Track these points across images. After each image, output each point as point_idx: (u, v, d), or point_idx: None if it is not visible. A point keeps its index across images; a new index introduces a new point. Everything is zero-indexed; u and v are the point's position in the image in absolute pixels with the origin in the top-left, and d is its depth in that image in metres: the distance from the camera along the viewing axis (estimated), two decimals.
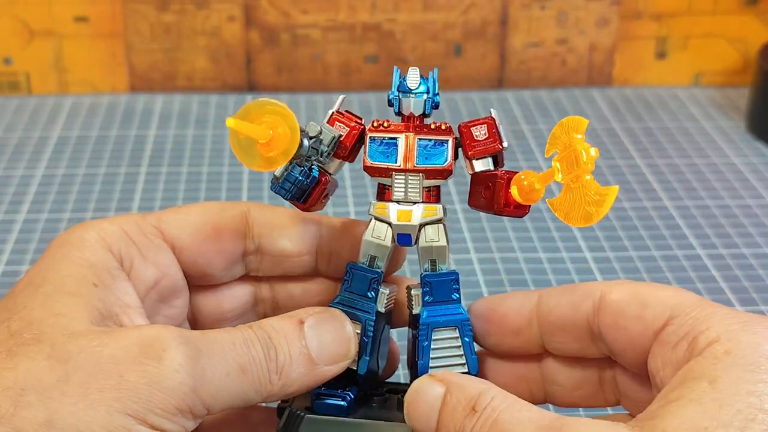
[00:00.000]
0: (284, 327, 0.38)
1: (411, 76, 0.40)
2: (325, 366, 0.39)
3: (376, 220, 0.41)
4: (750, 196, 0.76)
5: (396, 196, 0.40)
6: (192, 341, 0.36)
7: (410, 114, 0.40)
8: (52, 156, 0.82)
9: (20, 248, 0.68)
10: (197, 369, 0.35)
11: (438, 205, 0.40)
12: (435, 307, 0.41)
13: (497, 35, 0.93)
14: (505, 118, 0.89)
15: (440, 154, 0.40)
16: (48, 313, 0.36)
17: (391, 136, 0.40)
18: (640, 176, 0.79)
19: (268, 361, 0.37)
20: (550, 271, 0.66)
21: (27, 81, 0.93)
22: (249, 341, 0.37)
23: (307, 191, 0.40)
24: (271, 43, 0.92)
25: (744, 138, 0.86)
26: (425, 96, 0.40)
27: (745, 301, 0.63)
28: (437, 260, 0.40)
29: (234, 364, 0.36)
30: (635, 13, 0.94)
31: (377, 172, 0.40)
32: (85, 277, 0.38)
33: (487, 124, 0.41)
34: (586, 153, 0.35)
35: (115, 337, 0.35)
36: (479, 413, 0.35)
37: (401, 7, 0.92)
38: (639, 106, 0.93)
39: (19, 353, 0.35)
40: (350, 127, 0.41)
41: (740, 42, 0.95)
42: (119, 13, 0.91)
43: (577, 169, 0.36)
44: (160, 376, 0.34)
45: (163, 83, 0.94)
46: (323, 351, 0.39)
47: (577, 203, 0.36)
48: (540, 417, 0.34)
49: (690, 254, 0.68)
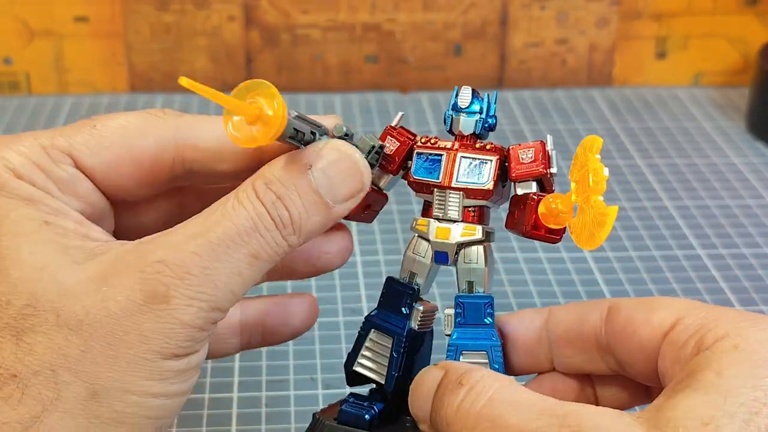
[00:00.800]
0: (291, 175, 0.36)
1: (463, 94, 0.40)
2: (341, 204, 0.37)
3: (419, 237, 0.40)
4: (750, 196, 0.76)
5: (436, 212, 0.40)
6: (194, 266, 0.34)
7: (459, 133, 0.40)
8: None
9: None
10: (208, 291, 0.34)
11: (478, 225, 0.39)
12: (466, 329, 0.40)
13: (497, 35, 0.93)
14: (505, 118, 0.89)
15: (481, 173, 0.39)
16: (26, 270, 0.34)
17: (436, 153, 0.40)
18: (640, 176, 0.79)
19: (281, 228, 0.36)
20: (550, 271, 0.66)
21: (27, 81, 0.93)
22: (257, 218, 0.35)
23: None
24: (271, 43, 0.92)
25: (744, 138, 0.86)
26: (477, 116, 0.40)
27: (745, 301, 0.63)
28: (474, 282, 0.40)
29: (244, 257, 0.35)
30: (635, 13, 0.94)
31: (419, 187, 0.40)
32: (33, 218, 0.36)
33: (534, 148, 0.40)
34: (597, 173, 0.35)
35: (115, 286, 0.34)
36: (466, 386, 0.35)
37: (401, 7, 0.92)
38: (639, 106, 0.93)
39: (26, 330, 0.33)
40: (400, 142, 0.40)
41: (740, 42, 0.95)
42: (119, 13, 0.91)
43: (587, 189, 0.35)
44: (173, 316, 0.34)
45: (163, 83, 0.94)
46: (336, 192, 0.37)
47: (585, 224, 0.36)
48: (540, 401, 0.34)
49: (690, 254, 0.68)
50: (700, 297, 0.63)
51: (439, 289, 0.58)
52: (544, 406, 0.33)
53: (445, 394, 0.36)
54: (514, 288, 0.64)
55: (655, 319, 0.37)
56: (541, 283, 0.65)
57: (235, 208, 0.35)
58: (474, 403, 0.34)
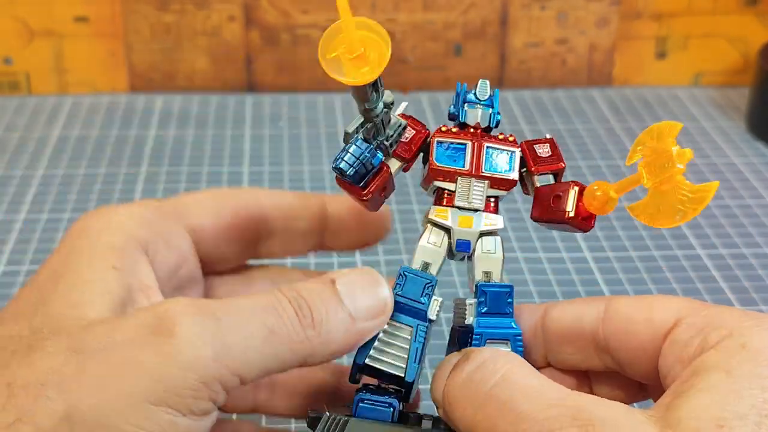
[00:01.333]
0: (316, 286, 0.37)
1: (482, 86, 0.40)
2: (364, 322, 0.37)
3: (432, 225, 0.40)
4: (750, 196, 0.76)
5: (459, 201, 0.40)
6: (207, 309, 0.34)
7: (476, 124, 0.40)
8: (52, 156, 0.82)
9: (20, 248, 0.68)
10: (216, 336, 0.34)
11: (498, 216, 0.40)
12: (488, 318, 0.40)
13: (497, 35, 0.93)
14: (505, 118, 0.89)
15: (506, 163, 0.40)
16: (66, 305, 0.36)
17: (459, 141, 0.40)
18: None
19: (302, 318, 0.36)
20: (550, 271, 0.66)
21: (27, 81, 0.93)
22: (277, 302, 0.36)
23: (368, 176, 0.38)
24: (271, 43, 0.92)
25: (744, 138, 0.86)
26: (491, 109, 0.40)
27: (745, 301, 0.63)
28: (492, 272, 0.40)
29: (260, 325, 0.35)
30: (635, 13, 0.94)
31: (443, 175, 0.40)
32: (105, 261, 0.38)
33: (549, 143, 0.41)
34: (680, 153, 0.35)
35: (128, 320, 0.34)
36: (472, 362, 0.35)
37: (401, 7, 0.92)
38: (639, 106, 0.93)
39: (37, 348, 0.34)
40: (416, 130, 0.40)
41: (740, 42, 0.95)
42: (119, 13, 0.91)
43: (670, 169, 0.35)
44: (174, 351, 0.33)
45: (163, 83, 0.94)
46: (359, 307, 0.37)
47: (666, 204, 0.36)
48: (552, 389, 0.33)
49: (690, 254, 0.68)
50: (700, 297, 0.63)
51: None
52: (557, 395, 0.33)
53: (456, 373, 0.36)
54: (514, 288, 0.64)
55: (656, 318, 0.37)
56: (541, 283, 0.65)
57: (258, 293, 0.37)
58: (483, 382, 0.34)
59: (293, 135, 0.86)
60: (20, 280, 0.65)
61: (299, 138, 0.86)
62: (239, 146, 0.84)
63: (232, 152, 0.83)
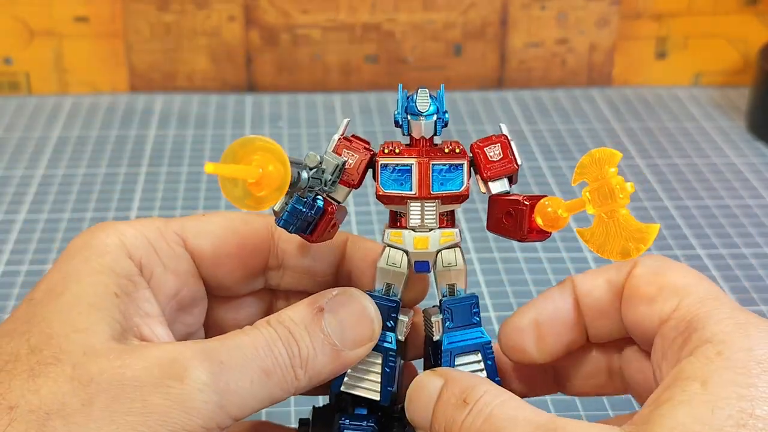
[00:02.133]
0: (303, 317, 0.37)
1: (420, 98, 0.39)
2: (351, 351, 0.38)
3: (390, 247, 0.39)
4: (750, 196, 0.76)
5: (412, 223, 0.39)
6: (213, 355, 0.35)
7: (422, 138, 0.39)
8: (52, 156, 0.82)
9: (20, 248, 0.68)
10: (221, 384, 0.35)
11: (454, 229, 0.39)
12: (456, 332, 0.40)
13: (497, 35, 0.93)
14: (505, 118, 0.89)
15: (456, 178, 0.39)
16: (68, 327, 0.36)
17: (404, 163, 0.39)
18: (640, 176, 0.79)
19: (292, 358, 0.36)
20: (550, 271, 0.66)
21: (27, 81, 0.93)
22: (270, 342, 0.36)
23: (313, 223, 0.38)
24: (271, 43, 0.92)
25: (744, 138, 0.86)
26: (435, 117, 0.39)
27: (745, 301, 0.63)
28: (455, 284, 0.40)
29: (257, 369, 0.36)
30: (635, 13, 0.94)
31: (391, 200, 0.39)
32: (107, 287, 0.38)
33: (500, 143, 0.39)
34: (621, 188, 0.35)
35: (137, 357, 0.35)
36: (470, 405, 0.35)
37: (401, 7, 0.92)
38: (639, 106, 0.93)
39: (41, 374, 0.34)
40: (359, 154, 0.39)
41: (740, 42, 0.95)
42: (119, 13, 0.91)
43: (611, 203, 0.35)
44: (183, 396, 0.34)
45: (163, 83, 0.94)
46: (346, 336, 0.38)
47: (612, 237, 0.35)
48: (535, 416, 0.34)
49: (690, 254, 0.68)
50: None
51: None
52: (539, 421, 0.34)
53: (448, 409, 0.36)
54: (514, 288, 0.64)
55: (658, 300, 0.37)
56: (541, 283, 0.65)
57: (252, 330, 0.37)
58: (475, 421, 0.35)
59: (293, 135, 0.86)
60: (20, 280, 0.65)
61: (299, 138, 0.86)
62: None
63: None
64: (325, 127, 0.88)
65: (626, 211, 0.35)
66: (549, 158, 0.81)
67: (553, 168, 0.79)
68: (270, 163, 0.33)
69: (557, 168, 0.79)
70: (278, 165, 0.33)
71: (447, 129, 0.40)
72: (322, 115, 0.90)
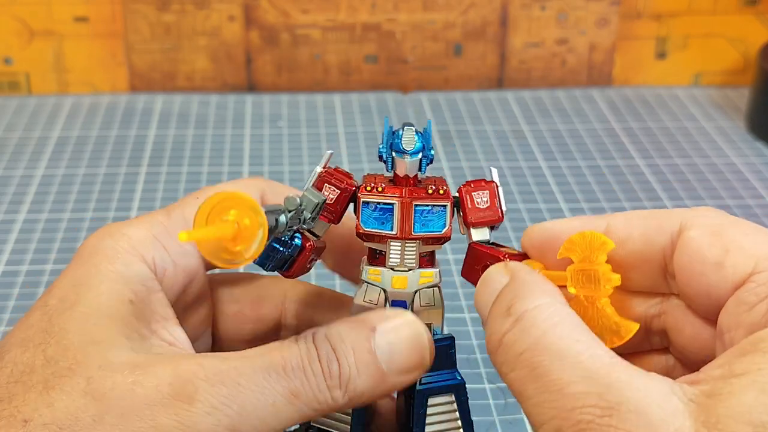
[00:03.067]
0: (352, 335, 0.36)
1: (406, 135, 0.38)
2: (397, 377, 0.36)
3: (367, 284, 0.39)
4: (750, 196, 0.76)
5: (391, 263, 0.38)
6: (230, 376, 0.34)
7: (405, 176, 0.38)
8: (52, 156, 0.82)
9: (20, 248, 0.68)
10: (234, 407, 0.34)
11: (434, 269, 0.39)
12: (430, 374, 0.39)
13: (497, 35, 0.93)
14: (505, 118, 0.89)
15: (438, 220, 0.38)
16: (85, 338, 0.35)
17: (386, 202, 0.38)
18: (640, 176, 0.79)
19: (328, 378, 0.35)
20: None
21: (27, 81, 0.93)
22: (307, 361, 0.35)
23: (290, 260, 0.37)
24: (271, 43, 0.92)
25: (744, 138, 0.86)
26: (420, 155, 0.38)
27: None
28: (432, 324, 0.39)
29: (282, 391, 0.34)
30: (635, 13, 0.94)
31: (371, 238, 0.38)
32: (121, 294, 0.37)
33: (489, 191, 0.39)
34: (607, 279, 0.34)
35: (149, 373, 0.34)
36: (512, 317, 0.32)
37: (401, 7, 0.92)
38: (639, 106, 0.93)
39: (55, 386, 0.34)
40: (341, 190, 0.38)
41: (740, 42, 0.95)
42: (119, 13, 0.91)
43: (594, 290, 0.34)
44: (191, 420, 0.33)
45: (163, 83, 0.94)
46: (394, 361, 0.36)
47: (588, 319, 0.34)
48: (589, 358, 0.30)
49: None
50: None
51: None
52: (592, 366, 0.30)
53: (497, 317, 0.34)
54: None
55: (728, 264, 0.33)
56: None
57: (290, 345, 0.35)
58: (517, 343, 0.32)
59: (293, 135, 0.86)
60: (20, 280, 0.65)
61: (299, 138, 0.86)
62: (239, 146, 0.84)
63: (232, 152, 0.83)
64: (325, 127, 0.88)
65: (607, 301, 0.34)
66: (549, 158, 0.81)
67: (553, 168, 0.79)
68: (246, 217, 0.31)
69: (557, 168, 0.79)
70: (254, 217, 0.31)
71: (447, 130, 0.40)
72: (322, 115, 0.90)
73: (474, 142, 0.84)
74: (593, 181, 0.78)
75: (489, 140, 0.85)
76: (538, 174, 0.79)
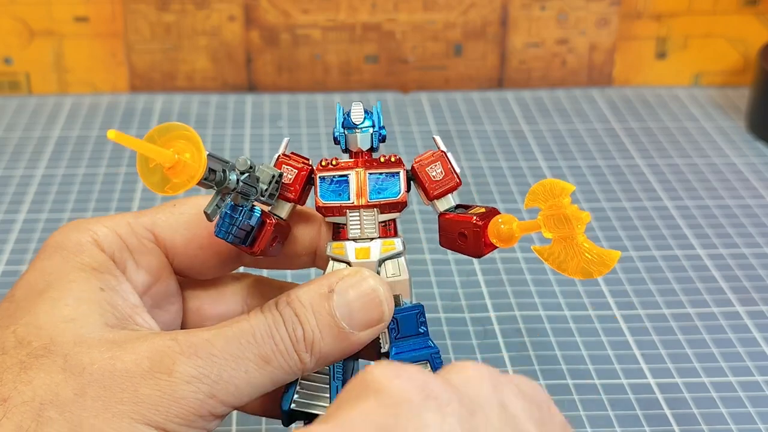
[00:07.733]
0: (312, 298, 0.38)
1: (355, 111, 0.40)
2: (359, 333, 0.38)
3: (334, 260, 0.40)
4: (750, 196, 0.76)
5: (352, 234, 0.40)
6: (204, 348, 0.36)
7: (358, 150, 0.40)
8: (52, 156, 0.82)
9: (20, 248, 0.68)
10: (211, 376, 0.35)
11: (396, 238, 0.40)
12: (403, 342, 0.40)
13: (497, 35, 0.93)
14: (505, 118, 0.89)
15: (392, 186, 0.40)
16: (57, 318, 0.36)
17: (341, 174, 0.40)
18: (640, 176, 0.79)
19: (295, 342, 0.37)
20: (550, 270, 0.66)
21: (27, 81, 0.93)
22: (273, 327, 0.37)
23: (251, 234, 0.38)
24: (271, 43, 0.92)
25: (744, 138, 0.86)
26: (371, 130, 0.40)
27: (745, 301, 0.63)
28: (400, 295, 0.40)
29: (254, 357, 0.36)
30: (635, 13, 0.94)
31: (330, 211, 0.40)
32: (90, 283, 0.38)
33: (441, 161, 0.40)
34: (576, 217, 0.36)
35: (127, 350, 0.35)
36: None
37: (401, 7, 0.92)
38: (639, 106, 0.93)
39: (33, 366, 0.35)
40: (297, 169, 0.40)
41: (740, 42, 0.95)
42: (119, 13, 0.91)
43: (568, 229, 0.36)
44: (172, 388, 0.35)
45: (163, 83, 0.94)
46: (354, 318, 0.38)
47: (572, 257, 0.36)
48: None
49: (690, 254, 0.68)
50: (700, 297, 0.63)
51: None
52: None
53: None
54: (514, 288, 0.64)
55: None
56: (541, 282, 0.65)
57: (256, 314, 0.37)
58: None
59: (293, 135, 0.86)
60: None
61: (299, 138, 0.86)
62: (239, 146, 0.84)
63: (232, 152, 0.83)
64: (325, 127, 0.88)
65: (584, 237, 0.36)
66: (549, 158, 0.81)
67: (553, 168, 0.79)
68: (187, 151, 0.33)
69: (557, 168, 0.79)
70: (195, 153, 0.33)
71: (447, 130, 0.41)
72: (322, 115, 0.90)
73: (474, 142, 0.84)
74: (593, 181, 0.78)
75: (489, 140, 0.85)
76: (538, 174, 0.79)
